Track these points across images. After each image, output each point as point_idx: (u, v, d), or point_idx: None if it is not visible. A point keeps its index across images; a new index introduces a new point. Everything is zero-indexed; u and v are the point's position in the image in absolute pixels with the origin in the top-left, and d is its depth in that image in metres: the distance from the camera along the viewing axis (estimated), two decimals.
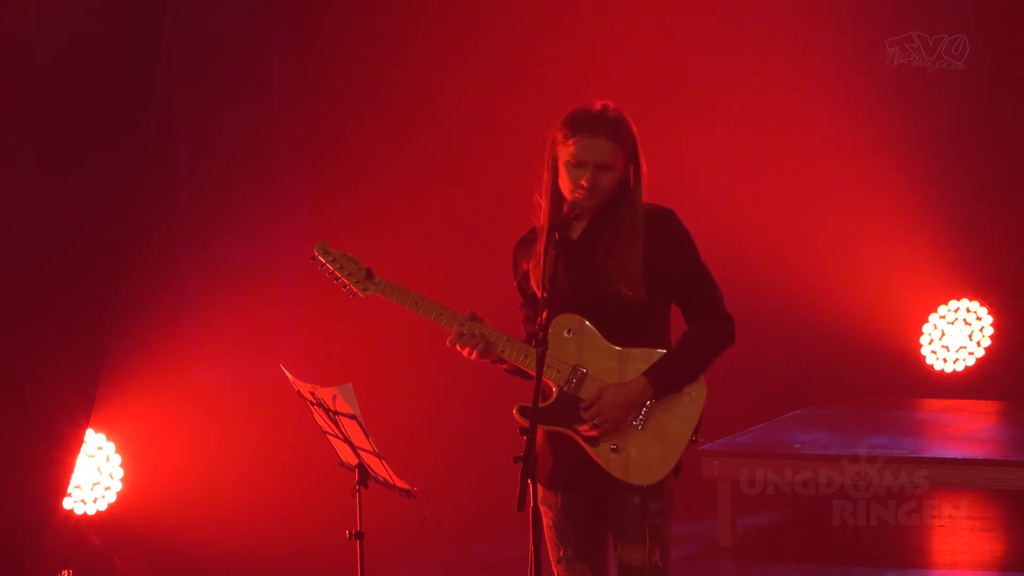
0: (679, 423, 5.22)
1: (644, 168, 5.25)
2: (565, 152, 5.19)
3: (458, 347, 5.28)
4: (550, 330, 5.22)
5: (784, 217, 11.14)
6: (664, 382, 5.19)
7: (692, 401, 5.23)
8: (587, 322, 5.23)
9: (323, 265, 5.40)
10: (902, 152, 11.19)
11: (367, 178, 10.41)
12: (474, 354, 5.26)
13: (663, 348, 5.24)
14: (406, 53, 10.61)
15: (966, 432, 9.82)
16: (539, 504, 5.32)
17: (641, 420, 5.21)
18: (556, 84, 10.37)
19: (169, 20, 7.73)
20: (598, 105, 5.22)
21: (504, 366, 5.33)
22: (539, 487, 5.32)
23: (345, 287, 5.37)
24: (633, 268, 5.18)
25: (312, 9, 10.47)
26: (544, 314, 5.04)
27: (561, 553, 5.36)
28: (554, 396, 5.24)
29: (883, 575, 8.55)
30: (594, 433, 5.18)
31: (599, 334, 5.23)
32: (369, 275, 5.35)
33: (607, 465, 5.21)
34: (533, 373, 5.06)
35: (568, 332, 5.24)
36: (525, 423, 5.08)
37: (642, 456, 5.20)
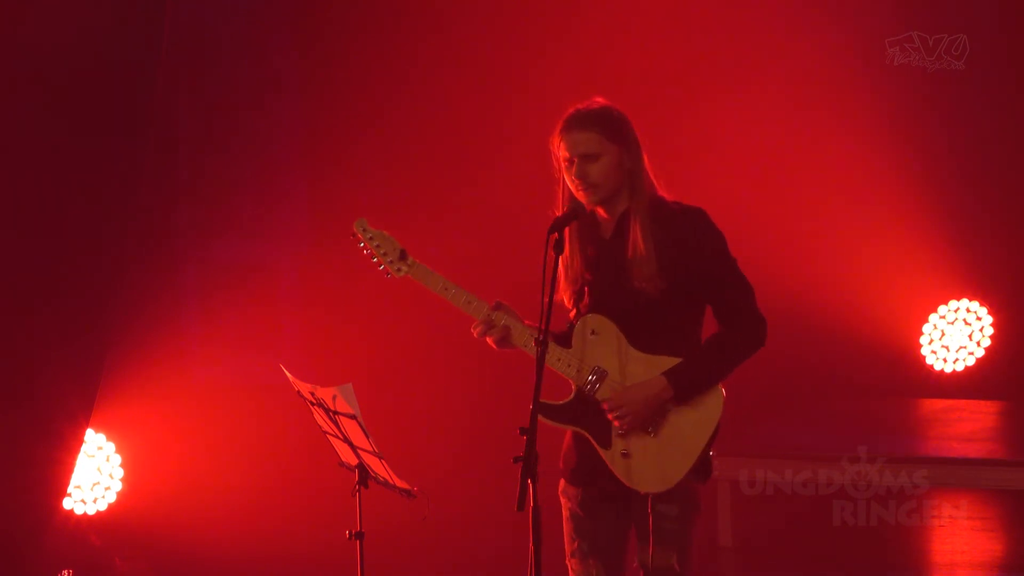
0: (693, 432, 5.20)
1: (644, 154, 5.28)
2: (560, 159, 5.24)
3: (476, 334, 5.30)
4: (576, 329, 5.26)
5: (784, 217, 11.15)
6: (684, 382, 5.16)
7: (708, 411, 5.20)
8: (614, 325, 5.23)
9: (360, 242, 5.43)
10: (902, 152, 11.19)
11: (367, 178, 10.42)
12: (494, 343, 5.30)
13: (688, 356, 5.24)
14: (406, 52, 10.61)
15: (966, 432, 9.83)
16: (559, 495, 5.34)
17: (655, 427, 5.21)
18: (558, 82, 10.37)
19: (169, 20, 7.73)
20: (579, 104, 5.27)
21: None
22: (560, 480, 5.34)
23: (380, 266, 5.41)
24: (647, 262, 5.19)
25: (312, 9, 10.47)
26: (543, 314, 5.08)
27: (576, 546, 5.36)
28: (572, 395, 5.25)
29: (883, 575, 8.56)
30: (619, 424, 5.18)
31: (624, 338, 5.22)
32: (403, 256, 5.39)
33: (616, 469, 5.21)
34: (550, 367, 5.13)
35: (592, 333, 5.24)
36: (547, 421, 5.14)
37: (652, 463, 5.19)
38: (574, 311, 5.31)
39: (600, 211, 5.28)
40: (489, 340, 5.31)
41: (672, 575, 5.26)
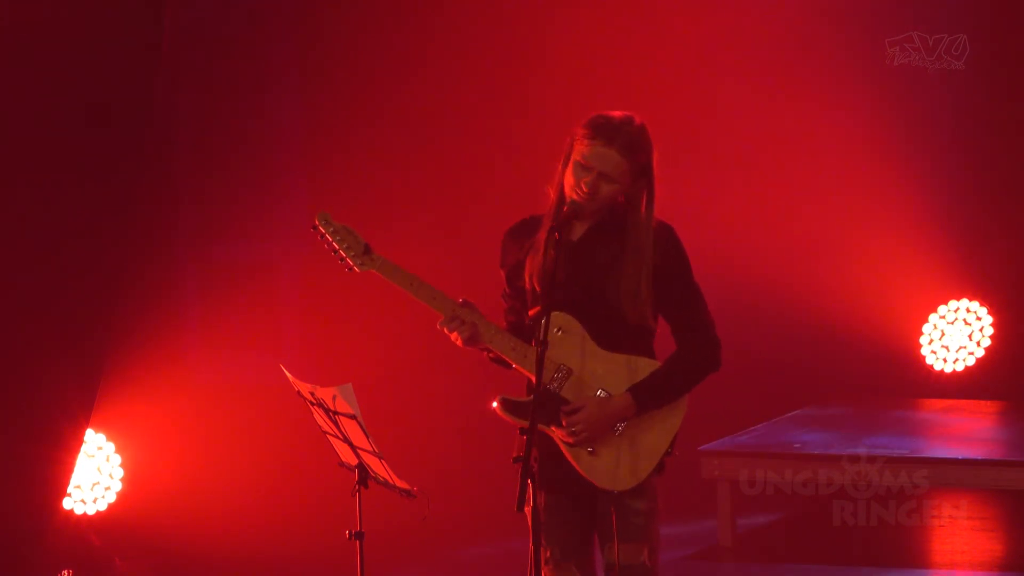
0: (657, 435, 5.26)
1: (656, 188, 5.30)
2: (578, 151, 5.23)
3: (447, 331, 5.29)
4: (541, 326, 5.24)
5: (784, 217, 11.14)
6: (648, 402, 5.23)
7: (673, 416, 5.28)
8: (579, 323, 5.25)
9: (322, 235, 5.35)
10: (902, 152, 11.19)
11: (367, 178, 10.41)
12: (460, 340, 5.27)
13: (646, 355, 5.29)
14: (407, 52, 10.61)
15: (966, 432, 9.83)
16: None
17: (621, 427, 5.23)
18: (554, 87, 10.38)
19: (169, 20, 7.73)
20: (622, 115, 5.25)
21: (490, 354, 5.35)
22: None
23: (341, 260, 5.34)
24: (642, 295, 5.22)
25: (312, 9, 10.47)
26: (540, 311, 5.10)
27: (548, 554, 5.36)
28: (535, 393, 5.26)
29: (883, 575, 8.56)
30: (570, 440, 5.21)
31: (588, 336, 5.25)
32: (367, 250, 5.33)
33: (581, 467, 5.24)
34: (515, 364, 5.16)
35: (559, 331, 5.26)
36: (504, 416, 5.17)
37: (617, 462, 5.23)
38: (534, 309, 5.31)
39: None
40: (454, 336, 5.28)
41: (644, 571, 5.27)
